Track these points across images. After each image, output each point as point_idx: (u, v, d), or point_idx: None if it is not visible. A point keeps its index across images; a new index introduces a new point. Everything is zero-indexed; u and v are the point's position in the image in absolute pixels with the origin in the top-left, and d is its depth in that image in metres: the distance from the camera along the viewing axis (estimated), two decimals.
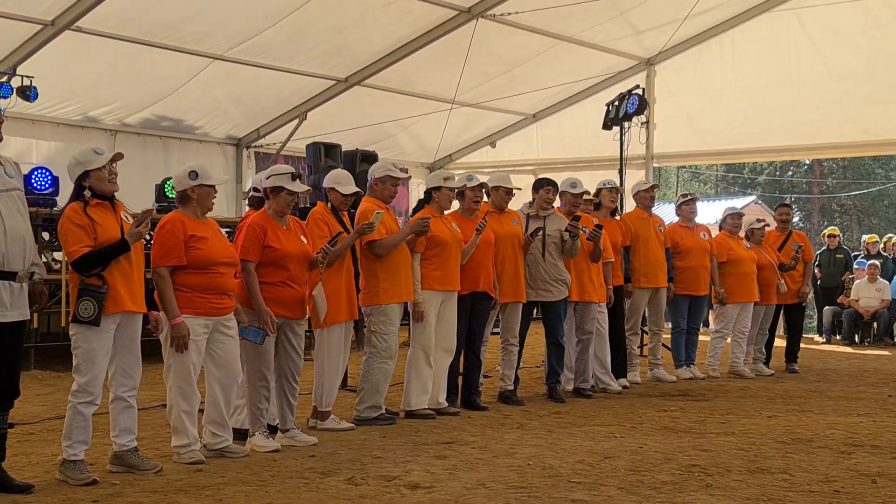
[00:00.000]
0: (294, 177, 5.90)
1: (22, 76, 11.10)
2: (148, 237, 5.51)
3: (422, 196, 7.32)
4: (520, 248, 7.55)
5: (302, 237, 6.00)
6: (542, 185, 7.93)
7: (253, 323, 5.61)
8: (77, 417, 4.91)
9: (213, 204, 5.54)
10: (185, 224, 5.34)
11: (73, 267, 4.88)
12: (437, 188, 7.03)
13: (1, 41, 10.91)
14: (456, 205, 7.40)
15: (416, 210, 7.18)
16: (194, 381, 5.35)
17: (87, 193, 4.97)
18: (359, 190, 6.53)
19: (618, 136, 11.22)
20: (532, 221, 7.77)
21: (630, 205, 9.82)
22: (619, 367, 8.57)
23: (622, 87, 13.22)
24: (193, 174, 5.42)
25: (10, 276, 4.54)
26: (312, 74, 13.55)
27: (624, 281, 8.71)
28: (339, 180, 6.45)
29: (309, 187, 6.13)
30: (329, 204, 6.45)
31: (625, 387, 8.49)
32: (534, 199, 7.95)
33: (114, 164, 5.06)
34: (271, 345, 5.83)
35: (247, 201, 6.38)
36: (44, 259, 7.12)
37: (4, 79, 10.95)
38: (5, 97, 10.62)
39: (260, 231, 5.75)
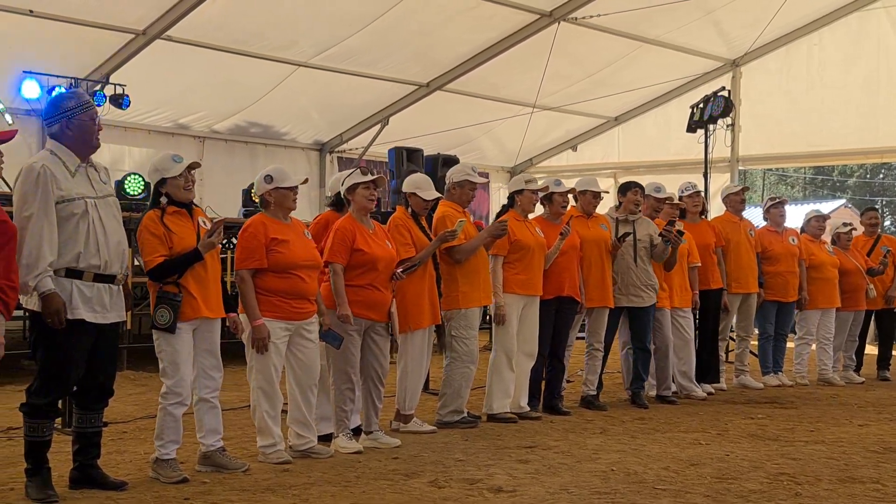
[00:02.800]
0: (363, 171, 5.98)
1: (115, 85, 11.46)
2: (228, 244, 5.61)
3: (504, 200, 7.31)
4: (607, 252, 7.49)
5: (387, 241, 6.06)
6: (630, 188, 7.87)
7: (332, 327, 5.68)
8: (168, 418, 5.03)
9: (295, 205, 5.62)
10: (266, 227, 5.43)
11: (149, 275, 5.01)
12: (520, 191, 7.03)
13: (95, 51, 11.27)
14: (540, 209, 7.38)
15: (499, 214, 7.18)
16: (276, 383, 5.44)
17: (164, 200, 5.09)
18: (439, 195, 6.56)
19: (702, 139, 11.04)
20: (620, 225, 7.71)
21: (715, 208, 9.67)
22: (706, 372, 8.44)
23: (707, 88, 13.02)
24: (269, 178, 5.52)
25: (110, 279, 4.67)
26: (395, 80, 13.67)
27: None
28: (420, 185, 6.48)
29: (380, 174, 6.15)
30: (409, 209, 6.48)
31: (710, 393, 8.37)
32: (620, 203, 7.89)
33: (191, 172, 5.16)
34: (357, 347, 5.90)
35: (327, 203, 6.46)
36: (136, 262, 7.31)
37: (98, 87, 11.31)
38: (99, 105, 10.95)
39: (349, 234, 5.81)
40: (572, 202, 7.57)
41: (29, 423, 4.61)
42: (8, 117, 10.85)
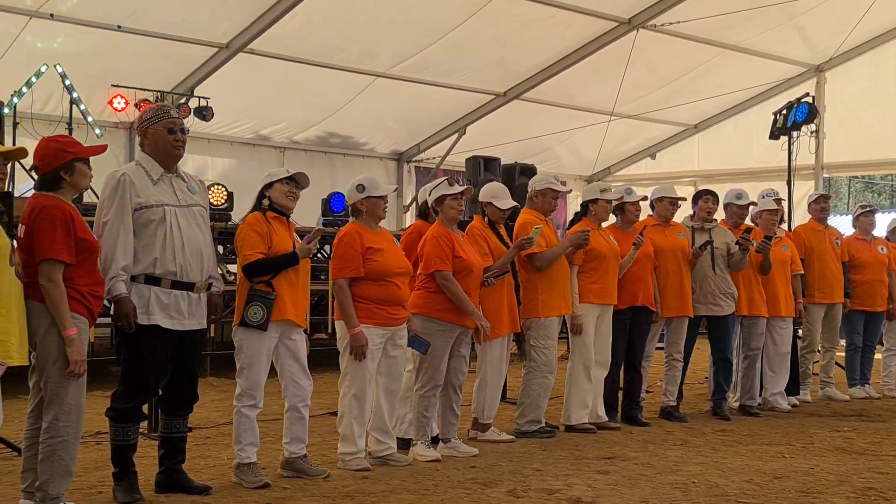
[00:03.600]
0: (451, 182, 6.02)
1: (199, 97, 11.75)
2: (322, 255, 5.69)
3: (578, 208, 7.27)
4: (685, 261, 7.39)
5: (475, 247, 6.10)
6: (702, 196, 7.77)
7: (420, 333, 5.72)
8: (243, 420, 5.12)
9: (385, 214, 5.70)
10: (361, 236, 5.50)
11: (244, 270, 5.09)
12: (594, 200, 6.98)
13: (180, 64, 11.57)
14: (612, 218, 7.32)
15: (572, 223, 7.14)
16: (369, 391, 5.49)
17: (266, 203, 5.21)
18: (516, 204, 6.54)
19: (785, 146, 10.82)
20: (698, 234, 7.61)
21: (799, 216, 9.47)
22: (790, 384, 8.26)
23: (790, 95, 12.78)
24: (360, 187, 5.59)
25: (188, 286, 4.74)
26: (472, 89, 13.72)
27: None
28: (496, 194, 6.48)
29: (468, 186, 6.20)
30: (486, 218, 6.49)
31: (794, 405, 8.18)
32: (694, 212, 7.79)
33: (298, 188, 5.27)
34: (446, 355, 5.92)
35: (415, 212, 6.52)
36: (220, 271, 7.47)
37: (182, 100, 11.60)
38: (182, 120, 11.20)
39: (448, 241, 5.86)
40: (648, 211, 7.48)
41: (114, 428, 4.73)
42: (97, 130, 11.18)
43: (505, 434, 6.46)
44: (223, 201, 10.33)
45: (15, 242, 4.24)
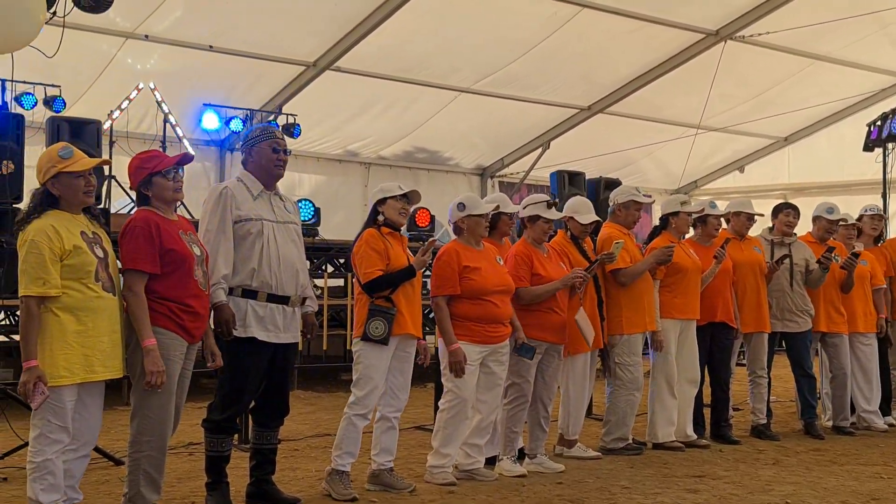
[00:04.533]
0: (549, 205, 6.00)
1: (287, 114, 11.96)
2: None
3: (657, 222, 7.18)
4: (762, 276, 7.24)
5: (560, 264, 6.07)
6: (782, 210, 7.60)
7: (526, 340, 5.72)
8: (350, 428, 5.17)
9: (486, 232, 5.72)
10: (459, 255, 5.54)
11: (365, 288, 5.18)
12: (675, 213, 6.89)
13: (269, 83, 11.81)
14: (690, 231, 7.20)
15: (651, 236, 7.05)
16: (468, 406, 5.51)
17: (381, 219, 5.28)
18: (598, 218, 6.49)
19: (880, 158, 10.54)
20: (776, 248, 7.45)
21: (893, 230, 9.18)
22: (883, 403, 8.01)
23: (885, 105, 12.45)
24: (461, 205, 5.63)
25: (284, 300, 4.83)
26: (556, 104, 13.68)
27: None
28: (578, 209, 6.44)
29: (564, 214, 6.21)
30: (569, 232, 6.46)
31: (891, 425, 7.92)
32: (773, 225, 7.62)
33: (410, 203, 5.34)
34: (534, 370, 5.91)
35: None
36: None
37: (271, 117, 11.83)
38: (285, 141, 11.42)
39: (527, 259, 5.88)
40: (724, 224, 7.35)
41: (209, 439, 4.83)
42: (189, 148, 11.48)
43: (591, 451, 6.41)
44: (311, 217, 10.46)
45: (107, 257, 4.34)
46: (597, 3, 11.17)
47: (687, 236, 7.11)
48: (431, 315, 5.62)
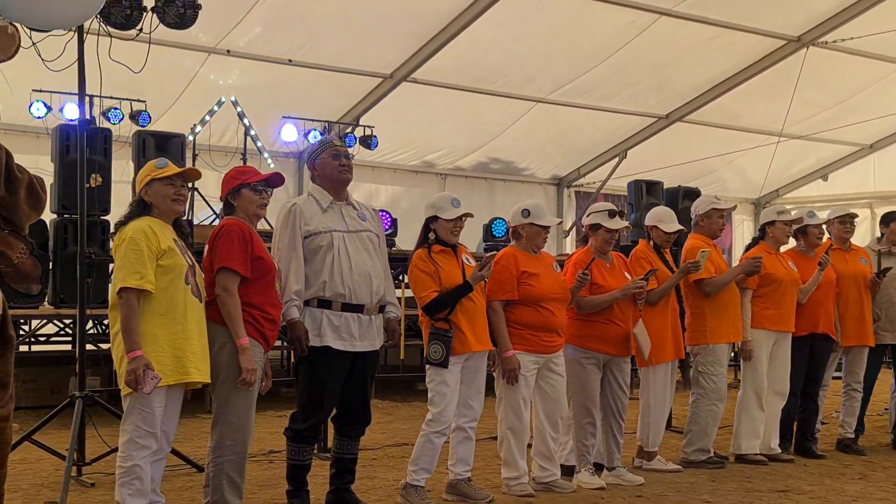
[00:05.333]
0: (612, 214, 5.94)
1: (364, 126, 12.10)
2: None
3: (747, 232, 7.06)
4: (867, 287, 7.05)
5: (626, 274, 6.01)
6: (893, 219, 7.39)
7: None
8: (427, 445, 5.19)
9: (544, 244, 5.69)
10: (518, 259, 5.52)
11: (424, 311, 5.19)
12: (771, 223, 6.78)
13: (346, 95, 11.96)
14: (792, 242, 7.06)
15: (749, 247, 6.94)
16: (525, 415, 5.48)
17: (432, 237, 5.29)
18: (682, 227, 6.43)
19: None
20: (883, 259, 7.25)
21: None
22: None
23: None
24: (526, 212, 5.61)
25: (357, 308, 4.86)
26: (633, 112, 13.58)
27: None
28: (662, 218, 6.39)
29: (627, 224, 6.15)
30: (651, 242, 6.40)
31: None
32: (882, 234, 7.42)
33: (462, 220, 5.33)
34: (597, 382, 5.86)
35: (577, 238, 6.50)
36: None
37: (349, 129, 11.98)
38: (350, 146, 11.58)
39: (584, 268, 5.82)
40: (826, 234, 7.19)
41: (291, 447, 4.89)
42: (269, 160, 11.68)
43: (671, 463, 6.32)
44: (387, 228, 10.52)
45: (195, 265, 4.44)
46: (675, 10, 11.06)
47: (789, 248, 6.97)
48: None
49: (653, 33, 11.43)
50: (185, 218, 5.25)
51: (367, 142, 12.00)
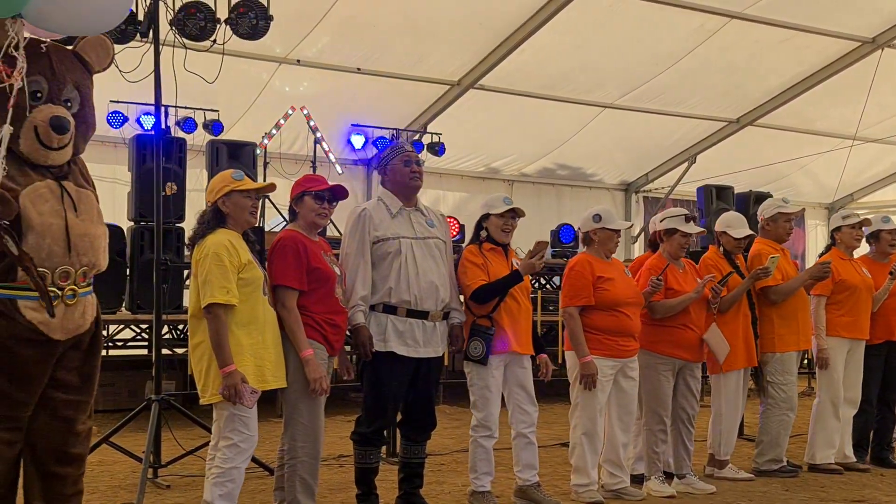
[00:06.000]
0: (687, 218, 5.90)
1: (431, 133, 12.17)
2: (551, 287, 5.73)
3: (821, 238, 6.94)
4: None
5: (697, 279, 5.96)
6: None
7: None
8: (479, 450, 5.21)
9: (616, 247, 5.68)
10: (592, 265, 5.51)
11: (471, 298, 5.19)
12: (838, 228, 6.66)
13: (414, 102, 12.05)
14: (866, 247, 6.92)
15: (822, 253, 6.82)
16: (600, 422, 5.46)
17: (484, 234, 5.31)
18: (752, 233, 6.35)
19: None
20: None
21: None
22: None
23: None
24: (597, 217, 5.60)
25: (423, 315, 4.91)
26: (703, 117, 13.44)
27: None
28: (731, 223, 6.31)
29: (702, 229, 6.09)
30: (721, 248, 6.33)
31: None
32: None
33: (514, 219, 5.34)
34: (670, 388, 5.82)
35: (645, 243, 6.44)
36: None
37: (416, 136, 12.06)
38: (417, 153, 11.66)
39: (658, 273, 5.78)
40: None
41: (358, 451, 4.96)
42: (338, 167, 11.81)
43: (743, 472, 6.24)
44: (454, 234, 10.57)
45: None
46: (746, 13, 10.92)
47: (863, 253, 6.84)
48: (552, 334, 5.56)
49: (723, 37, 11.31)
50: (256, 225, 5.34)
51: (435, 148, 12.07)
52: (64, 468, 3.62)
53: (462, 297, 5.25)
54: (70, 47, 3.69)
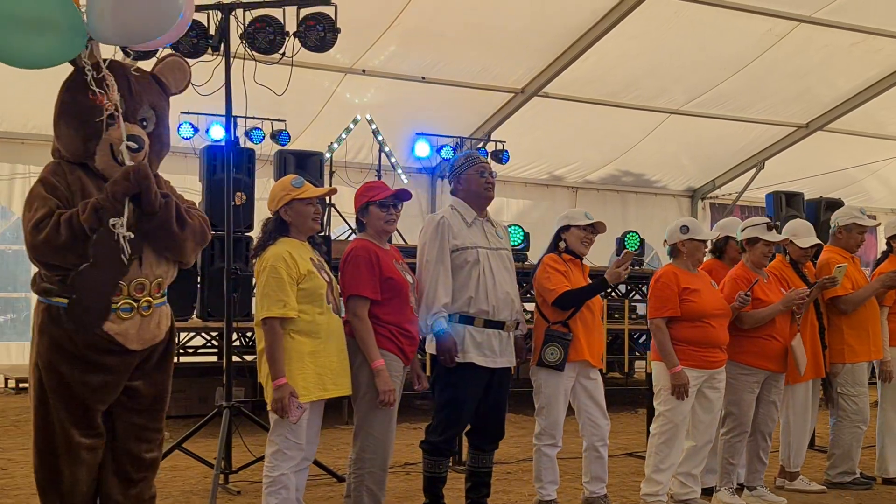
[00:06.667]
0: (769, 227, 5.82)
1: (495, 141, 12.19)
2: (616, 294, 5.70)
3: (884, 246, 6.78)
4: None
5: (781, 289, 5.88)
6: None
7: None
8: (543, 459, 5.20)
9: (703, 257, 5.63)
10: (678, 276, 5.47)
11: (555, 304, 5.20)
12: (894, 236, 6.52)
13: (478, 111, 12.10)
14: None
15: (879, 261, 6.66)
16: (682, 431, 5.42)
17: (563, 245, 5.31)
18: (818, 242, 6.22)
19: None
20: None
21: None
22: None
23: None
24: (685, 228, 5.55)
25: (499, 325, 4.92)
26: (771, 122, 13.26)
27: None
28: (798, 232, 6.20)
29: (785, 237, 6.00)
30: (787, 257, 6.23)
31: None
32: None
33: (594, 233, 5.34)
34: (753, 400, 5.74)
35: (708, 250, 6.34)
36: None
37: (480, 144, 12.10)
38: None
39: (746, 283, 5.72)
40: None
41: (427, 460, 4.97)
42: (402, 175, 11.90)
43: (815, 484, 6.13)
44: (520, 242, 10.56)
45: (332, 281, 4.58)
46: (816, 17, 10.76)
47: None
48: (618, 342, 5.52)
49: (792, 40, 11.15)
50: (322, 234, 5.39)
51: (499, 156, 12.09)
52: (140, 473, 3.72)
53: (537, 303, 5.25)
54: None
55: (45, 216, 3.39)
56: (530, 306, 9.54)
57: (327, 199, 9.81)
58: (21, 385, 10.35)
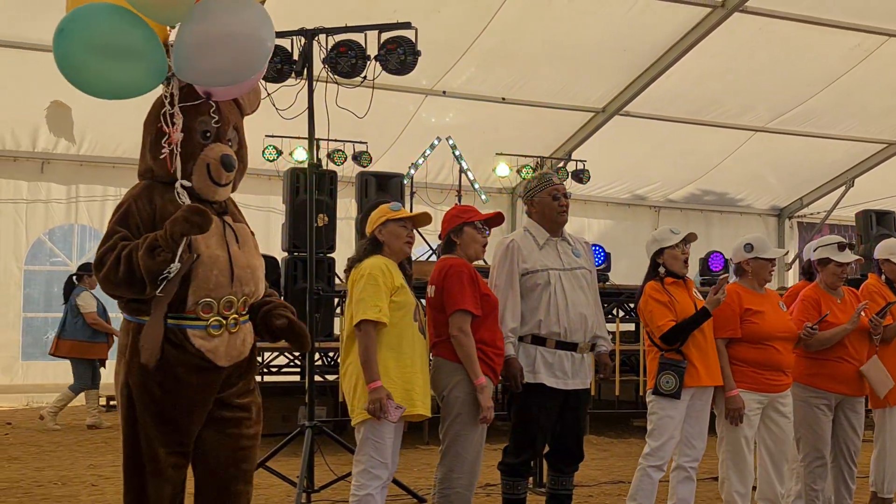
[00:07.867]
0: (841, 246, 5.67)
1: (576, 161, 12.15)
2: None
3: None
4: None
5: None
6: None
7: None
8: (645, 479, 5.10)
9: (771, 277, 5.51)
10: (741, 297, 5.36)
11: (662, 339, 5.13)
12: None
13: (558, 130, 12.08)
14: None
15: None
16: (748, 456, 5.29)
17: (662, 270, 5.23)
18: None
19: None
20: None
21: None
22: None
23: None
24: (749, 246, 5.44)
25: (572, 346, 4.89)
26: (860, 139, 12.95)
27: None
28: (894, 251, 6.03)
29: (859, 257, 5.83)
30: (883, 276, 6.05)
31: None
32: None
33: (687, 245, 5.27)
34: (829, 423, 5.58)
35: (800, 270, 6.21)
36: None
37: (561, 164, 12.06)
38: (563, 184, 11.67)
39: (815, 304, 5.58)
40: None
41: (505, 481, 4.96)
42: (483, 196, 11.92)
43: None
44: (602, 263, 10.47)
45: (422, 302, 4.60)
46: None
47: None
48: None
49: (881, 55, 10.89)
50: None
51: (580, 176, 12.04)
52: (237, 485, 3.76)
53: (649, 336, 5.19)
54: None
55: (107, 250, 3.49)
56: (611, 326, 9.49)
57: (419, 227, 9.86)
58: (111, 402, 10.62)
